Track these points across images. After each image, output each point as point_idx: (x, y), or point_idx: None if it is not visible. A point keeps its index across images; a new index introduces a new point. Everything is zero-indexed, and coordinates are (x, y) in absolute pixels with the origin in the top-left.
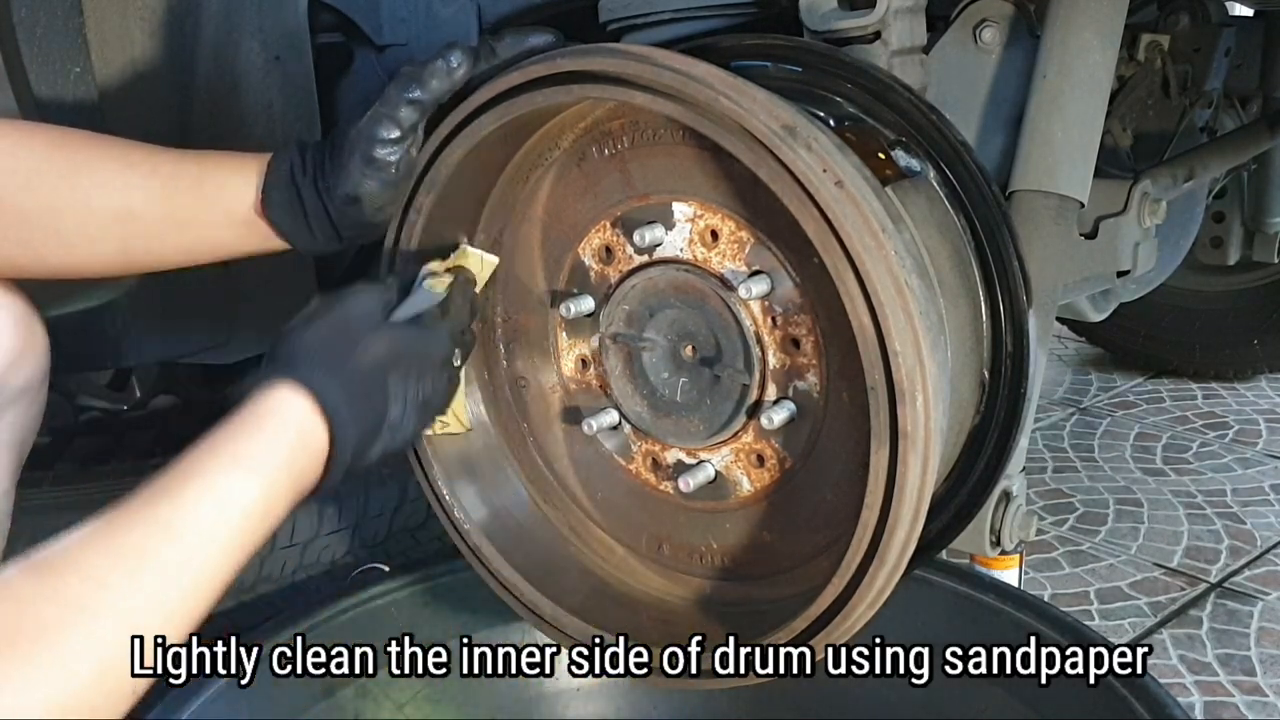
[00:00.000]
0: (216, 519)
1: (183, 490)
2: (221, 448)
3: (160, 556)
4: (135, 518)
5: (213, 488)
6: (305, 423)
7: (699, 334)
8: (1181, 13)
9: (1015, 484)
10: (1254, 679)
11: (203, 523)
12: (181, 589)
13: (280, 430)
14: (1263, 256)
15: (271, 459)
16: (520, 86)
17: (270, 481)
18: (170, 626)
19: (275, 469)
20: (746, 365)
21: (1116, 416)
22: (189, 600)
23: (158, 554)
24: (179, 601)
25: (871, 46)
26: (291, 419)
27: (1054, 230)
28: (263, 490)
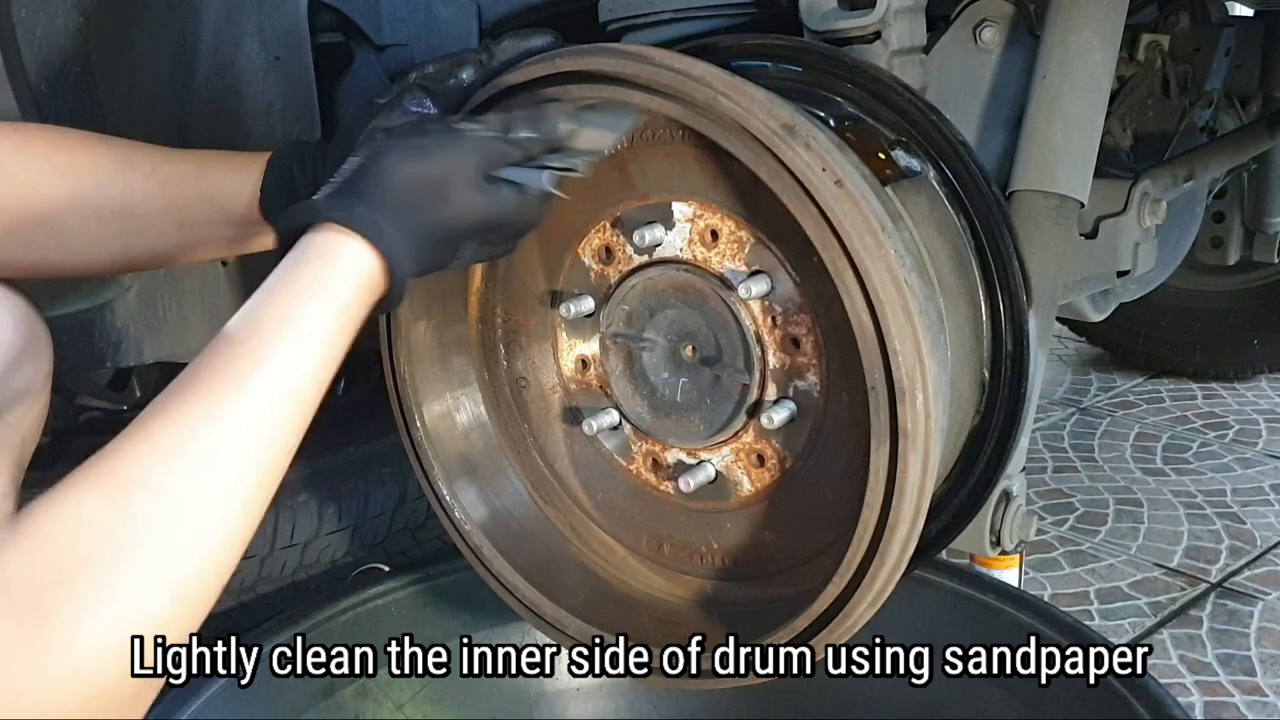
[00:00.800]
0: (286, 401)
1: (250, 374)
2: (290, 319)
3: (231, 459)
4: (200, 409)
5: (283, 369)
6: (370, 278)
7: (699, 334)
8: (1181, 13)
9: (1015, 484)
10: (1254, 679)
11: (273, 407)
12: (250, 484)
13: (346, 292)
14: (1263, 256)
15: (335, 324)
16: (519, 86)
17: (334, 347)
18: (242, 526)
19: (339, 334)
20: (746, 365)
21: (1116, 416)
22: (258, 493)
23: (229, 457)
24: (245, 500)
25: (871, 46)
26: (357, 276)
27: (1054, 230)
28: (327, 360)
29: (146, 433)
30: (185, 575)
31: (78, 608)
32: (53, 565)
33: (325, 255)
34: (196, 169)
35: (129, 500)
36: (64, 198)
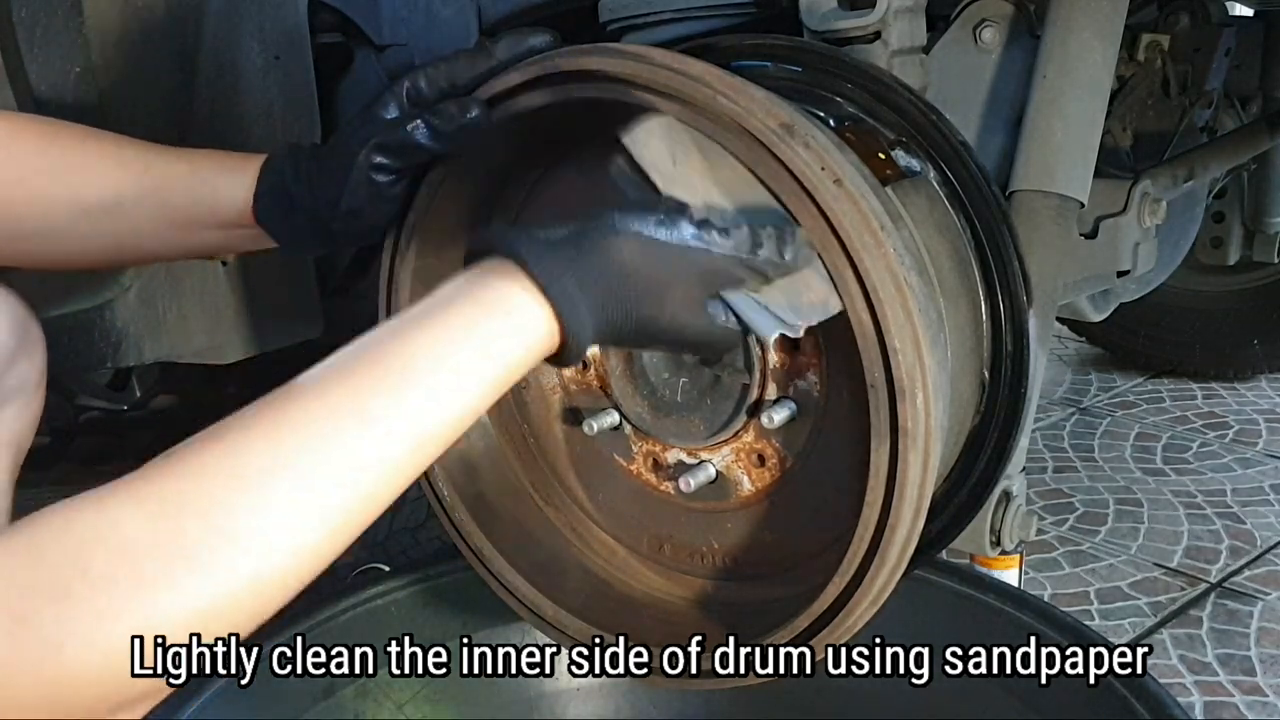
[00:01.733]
0: (406, 449)
1: (383, 419)
2: (446, 362)
3: (318, 511)
4: (298, 437)
5: (416, 414)
6: (540, 355)
7: None
8: (1181, 13)
9: (1015, 484)
10: (1254, 679)
11: (390, 451)
12: (325, 538)
13: (516, 360)
14: (1263, 256)
15: (489, 391)
16: (518, 86)
17: (475, 410)
18: (300, 577)
19: (485, 398)
20: (746, 364)
21: (1116, 416)
22: (330, 547)
23: (316, 508)
24: (314, 553)
25: (871, 46)
26: (534, 352)
27: (1054, 230)
28: (463, 421)
29: (227, 450)
30: (212, 615)
31: (79, 624)
32: (62, 575)
33: (509, 313)
34: (190, 169)
35: (175, 525)
36: (54, 192)
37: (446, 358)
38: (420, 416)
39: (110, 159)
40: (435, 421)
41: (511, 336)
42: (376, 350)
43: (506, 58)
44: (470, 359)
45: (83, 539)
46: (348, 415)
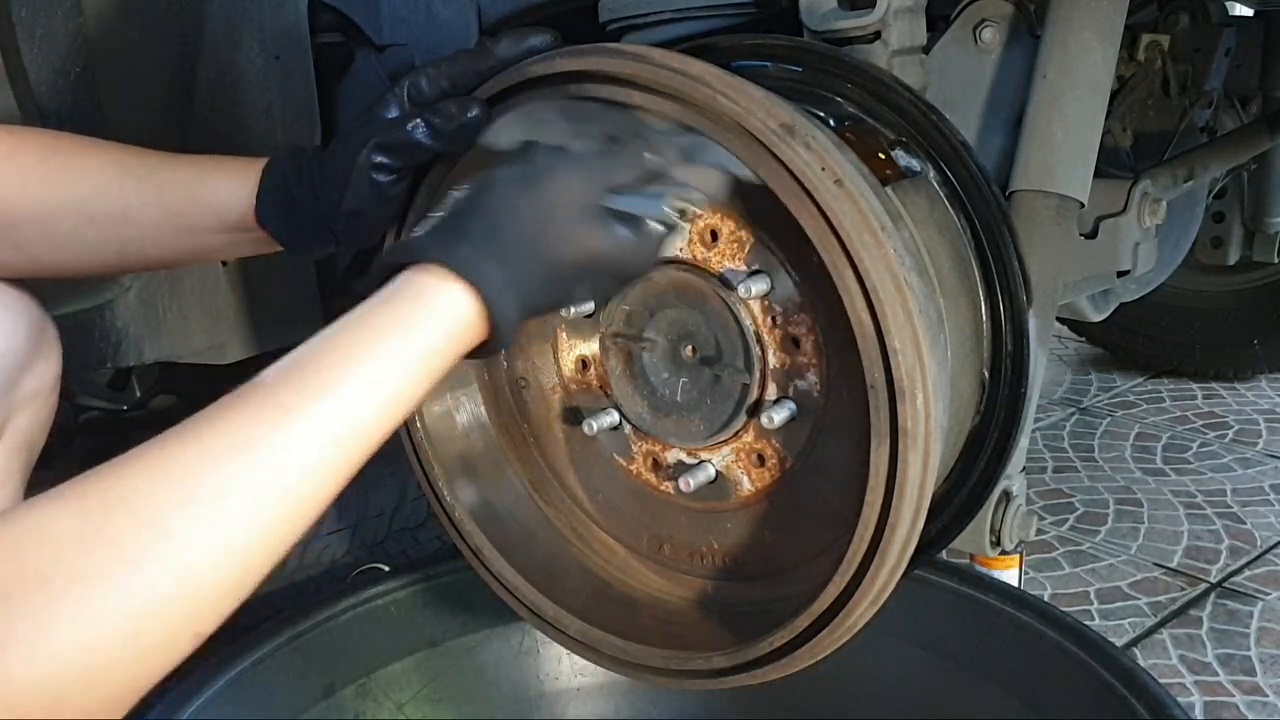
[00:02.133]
0: (328, 450)
1: (298, 408)
2: (361, 353)
3: (241, 503)
4: (228, 439)
5: (335, 413)
6: (465, 325)
7: (699, 334)
8: (1181, 13)
9: (1015, 484)
10: (1254, 679)
11: (310, 455)
12: (257, 534)
13: (434, 339)
14: (1263, 256)
15: (413, 375)
16: (518, 86)
17: (399, 401)
18: (236, 578)
19: (414, 385)
20: (746, 365)
21: (1116, 416)
22: (265, 546)
23: (239, 500)
24: (245, 551)
25: (871, 46)
26: (451, 323)
27: (1054, 230)
28: (392, 412)
29: (153, 453)
30: (147, 614)
31: (17, 626)
32: (6, 576)
33: (418, 297)
34: (193, 175)
35: (106, 520)
36: (58, 202)
37: (360, 351)
38: (339, 414)
39: (112, 166)
40: (357, 415)
41: (428, 318)
42: (304, 355)
43: (507, 57)
44: (382, 351)
45: (16, 539)
46: (270, 415)
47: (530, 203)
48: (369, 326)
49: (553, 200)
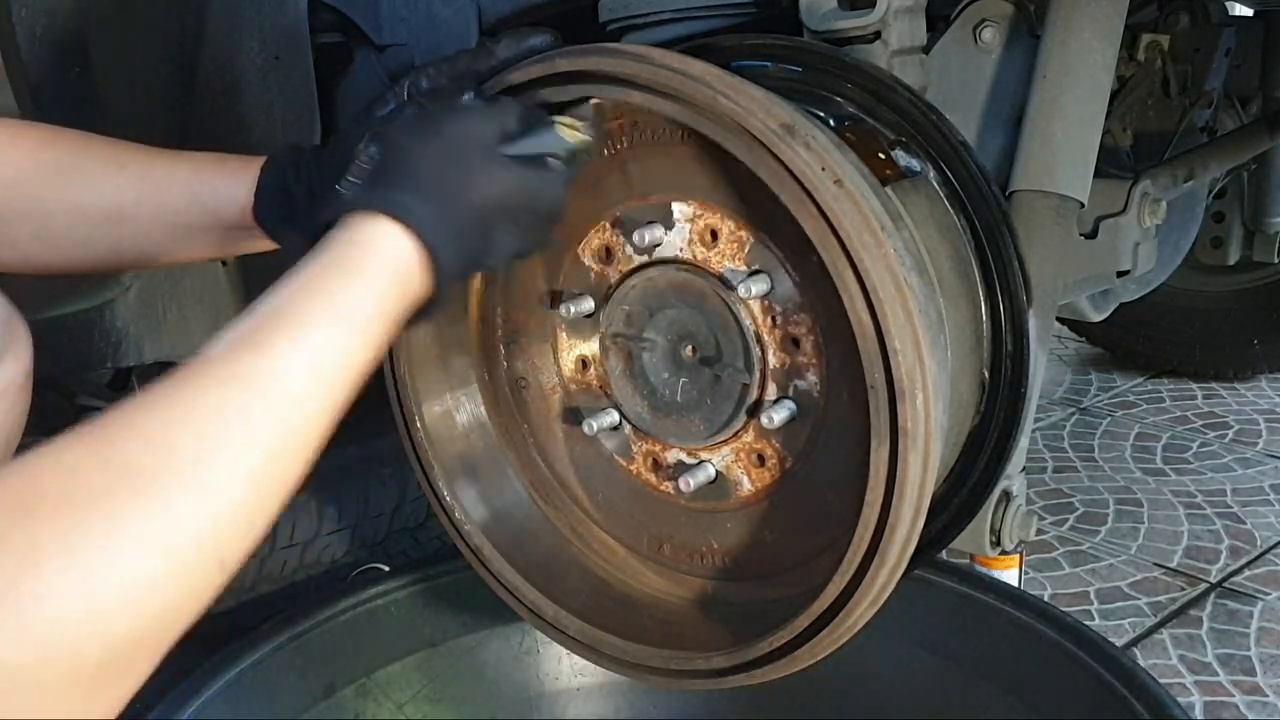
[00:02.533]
0: (309, 379)
1: (271, 344)
2: (315, 293)
3: (243, 424)
4: (212, 375)
5: (306, 343)
6: (405, 265)
7: (699, 334)
8: (1181, 13)
9: (1015, 484)
10: (1254, 679)
11: (294, 384)
12: (263, 456)
13: (379, 274)
14: (1263, 256)
15: (369, 309)
16: (518, 86)
17: (366, 333)
18: (255, 499)
19: (371, 320)
20: (746, 365)
21: (1116, 416)
22: (272, 471)
23: (240, 421)
24: (252, 473)
25: (871, 46)
26: (391, 260)
27: (1054, 230)
28: (360, 343)
29: (151, 393)
30: (175, 535)
31: (38, 555)
32: (21, 505)
33: (356, 240)
34: (190, 172)
35: (117, 448)
36: (52, 198)
37: (316, 289)
38: (312, 345)
39: (108, 163)
40: (329, 345)
41: (374, 258)
42: (268, 300)
43: (507, 57)
44: (337, 288)
45: (33, 470)
46: (248, 354)
47: (439, 144)
48: (317, 271)
49: (460, 146)
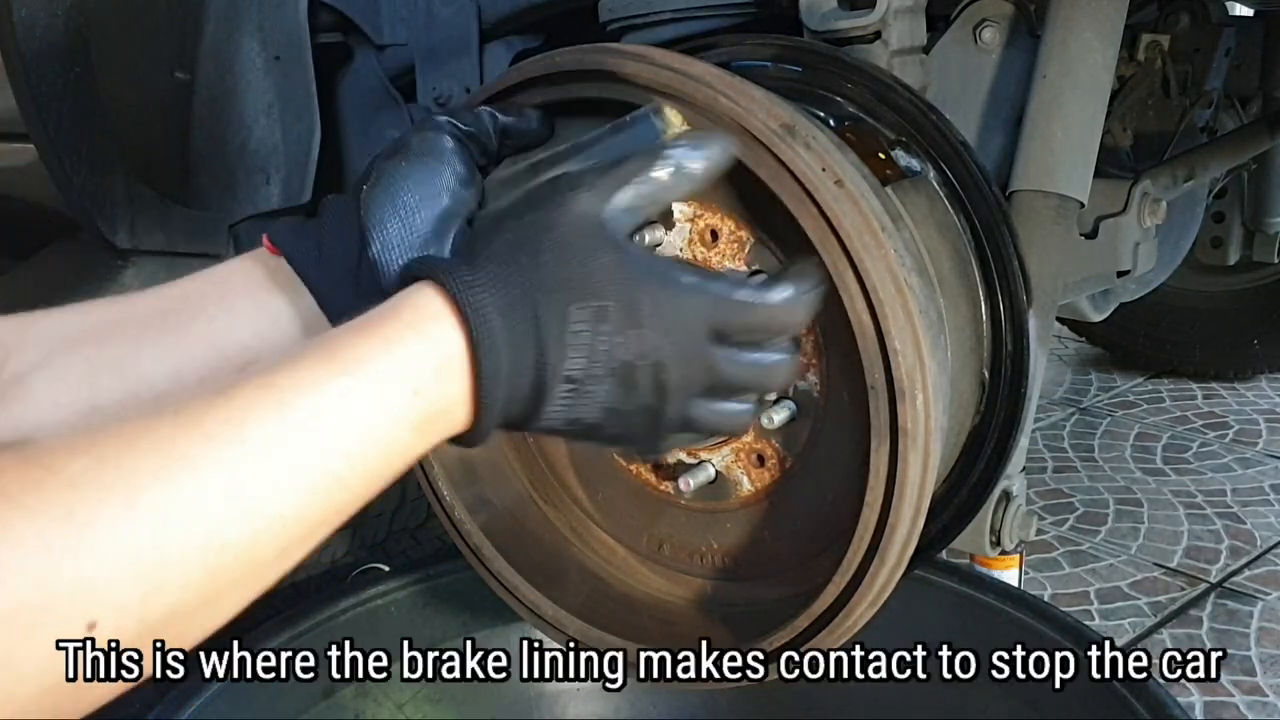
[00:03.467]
0: (229, 508)
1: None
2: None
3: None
4: (194, 422)
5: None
6: (438, 363)
7: None
8: (1182, 13)
9: (1015, 484)
10: (1254, 679)
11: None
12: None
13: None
14: (1263, 256)
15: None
16: (518, 85)
17: (352, 451)
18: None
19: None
20: None
21: (1116, 416)
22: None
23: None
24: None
25: (872, 46)
26: (418, 358)
27: (1054, 230)
28: (340, 465)
29: (145, 424)
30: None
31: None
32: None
33: (402, 316)
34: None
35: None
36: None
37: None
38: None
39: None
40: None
41: (408, 344)
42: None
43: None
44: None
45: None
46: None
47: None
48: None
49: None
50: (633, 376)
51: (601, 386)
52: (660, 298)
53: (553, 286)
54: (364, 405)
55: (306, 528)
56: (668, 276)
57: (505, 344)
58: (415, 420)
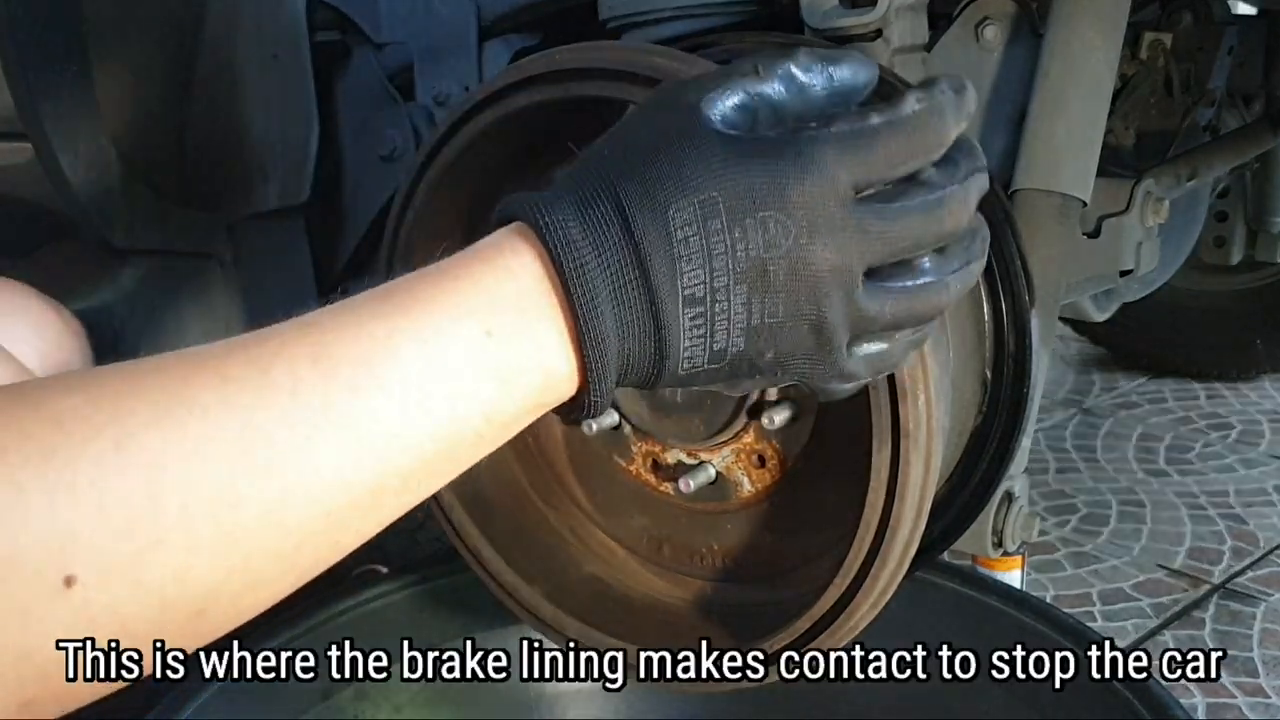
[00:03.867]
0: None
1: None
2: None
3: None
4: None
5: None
6: (517, 298)
7: None
8: (1184, 11)
9: (1017, 485)
10: (1257, 680)
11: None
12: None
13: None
14: (1266, 256)
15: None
16: (518, 84)
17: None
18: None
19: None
20: None
21: (1119, 417)
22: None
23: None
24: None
25: (873, 44)
26: (493, 291)
27: (1056, 229)
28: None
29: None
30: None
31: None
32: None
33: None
34: None
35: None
36: None
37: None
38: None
39: None
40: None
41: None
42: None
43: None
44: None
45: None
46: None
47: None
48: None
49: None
50: (768, 276)
51: (734, 299)
52: (774, 169)
53: (643, 189)
54: (417, 351)
55: (352, 495)
56: (778, 144)
57: (598, 268)
58: (493, 367)
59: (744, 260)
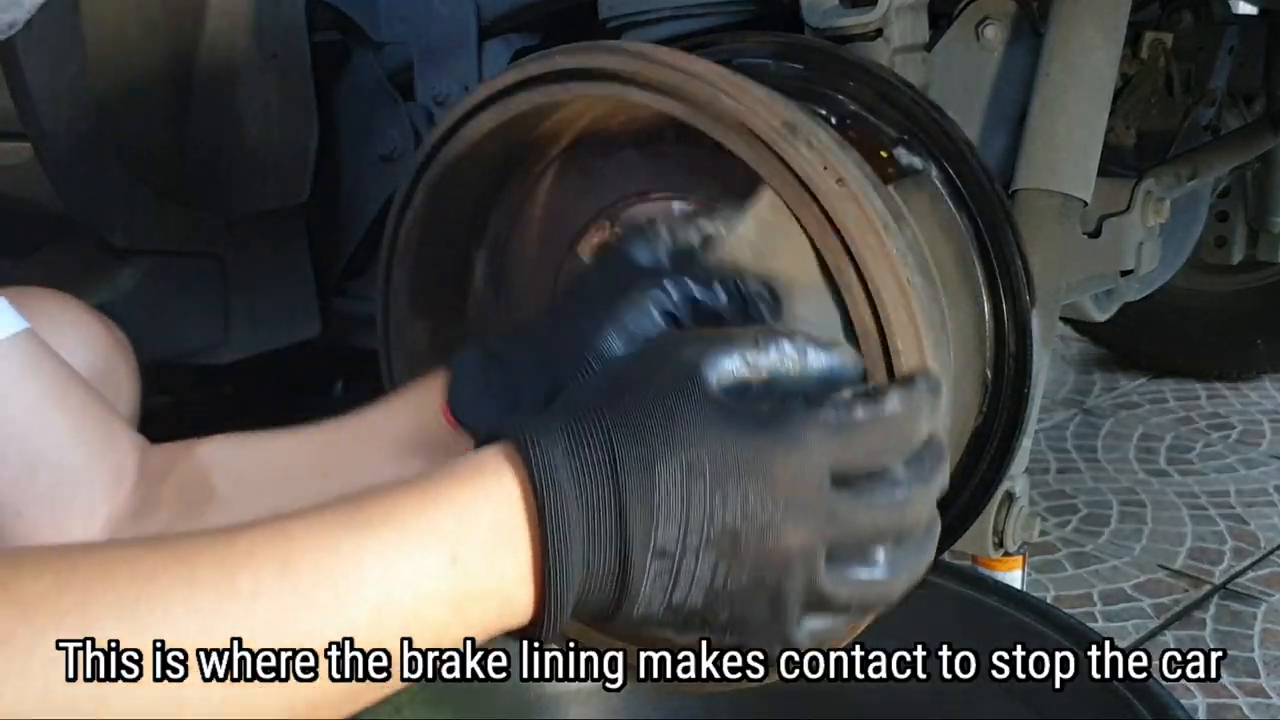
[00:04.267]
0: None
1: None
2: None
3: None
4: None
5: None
6: (495, 529)
7: None
8: (1185, 10)
9: (1018, 485)
10: (1257, 680)
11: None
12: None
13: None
14: (1266, 256)
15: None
16: (518, 84)
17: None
18: None
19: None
20: None
21: (1120, 417)
22: None
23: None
24: None
25: (873, 44)
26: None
27: (1057, 229)
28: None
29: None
30: None
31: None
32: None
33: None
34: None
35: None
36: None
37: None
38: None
39: (312, 473)
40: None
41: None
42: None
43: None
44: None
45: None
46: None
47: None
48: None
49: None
50: (739, 544)
51: (702, 560)
52: (762, 444)
53: (635, 439)
54: (381, 574)
55: (292, 708)
56: (768, 421)
57: (577, 510)
58: (451, 596)
59: (719, 525)
